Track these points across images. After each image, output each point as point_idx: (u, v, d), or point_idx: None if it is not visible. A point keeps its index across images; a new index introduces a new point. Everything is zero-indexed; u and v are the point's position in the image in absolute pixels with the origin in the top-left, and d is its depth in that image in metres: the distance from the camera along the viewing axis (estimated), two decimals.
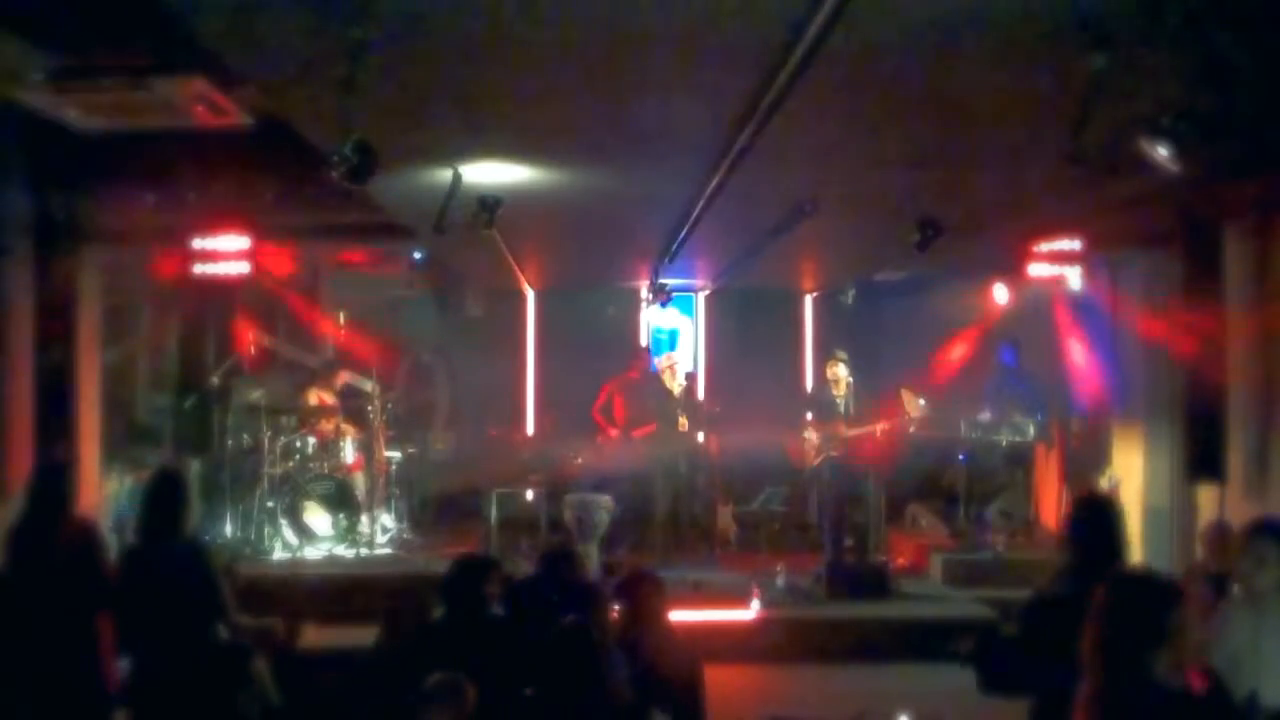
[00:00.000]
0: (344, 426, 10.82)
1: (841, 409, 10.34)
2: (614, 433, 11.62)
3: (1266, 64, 5.01)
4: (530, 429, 13.55)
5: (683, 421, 11.00)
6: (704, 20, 4.32)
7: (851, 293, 12.39)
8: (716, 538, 11.57)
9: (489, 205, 7.18)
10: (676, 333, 13.97)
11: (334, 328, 12.56)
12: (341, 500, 10.40)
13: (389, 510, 11.13)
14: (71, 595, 5.21)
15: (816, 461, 10.49)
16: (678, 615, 6.88)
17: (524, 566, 10.11)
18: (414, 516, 11.58)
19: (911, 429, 10.43)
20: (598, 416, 11.83)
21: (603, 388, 11.98)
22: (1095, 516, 4.38)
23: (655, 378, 11.62)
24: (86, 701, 5.22)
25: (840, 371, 10.39)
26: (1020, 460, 11.46)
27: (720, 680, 5.15)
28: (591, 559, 10.07)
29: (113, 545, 6.74)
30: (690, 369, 11.36)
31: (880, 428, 10.20)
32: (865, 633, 8.98)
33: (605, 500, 10.46)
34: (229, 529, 10.53)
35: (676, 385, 11.15)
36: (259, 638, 6.11)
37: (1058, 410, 11.46)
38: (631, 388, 11.94)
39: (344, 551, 10.27)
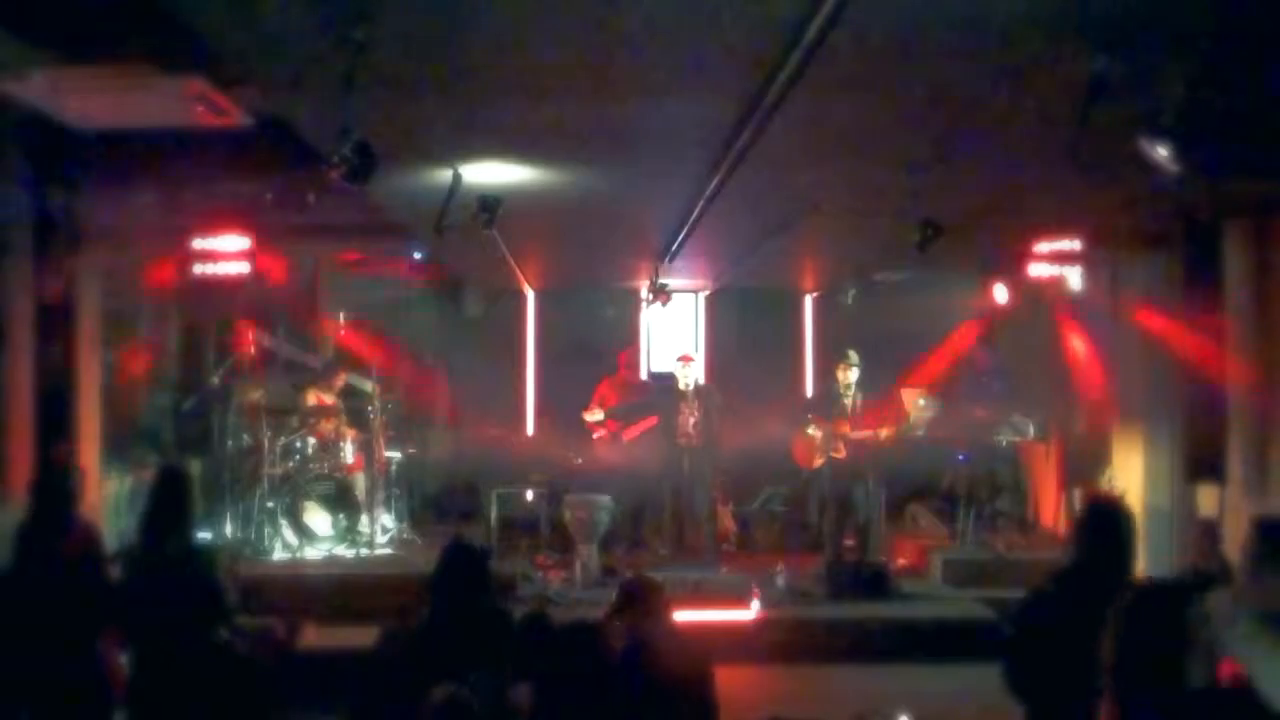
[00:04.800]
0: (344, 427, 10.81)
1: (848, 409, 10.33)
2: (605, 434, 11.59)
3: (1266, 65, 5.01)
4: (530, 429, 13.54)
5: (706, 429, 10.69)
6: (704, 20, 4.32)
7: (851, 293, 12.39)
8: (716, 538, 11.55)
9: (489, 205, 7.18)
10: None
11: (334, 327, 12.55)
12: (341, 500, 10.39)
13: (389, 510, 11.12)
14: (73, 596, 5.21)
15: (820, 463, 10.48)
16: (678, 615, 6.88)
17: (523, 566, 10.18)
18: (414, 516, 11.58)
19: (920, 432, 10.39)
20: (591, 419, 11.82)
21: (595, 390, 11.98)
22: (1107, 524, 4.27)
23: (656, 376, 11.48)
24: (88, 701, 5.21)
25: (851, 373, 10.38)
26: (1020, 460, 11.44)
27: (720, 680, 5.13)
28: (592, 559, 10.08)
29: (112, 545, 6.74)
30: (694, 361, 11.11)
31: (884, 431, 10.18)
32: (865, 633, 8.97)
33: (605, 500, 10.44)
34: (229, 529, 10.52)
35: (686, 382, 10.86)
36: (259, 638, 6.11)
37: (1058, 410, 11.45)
38: (623, 387, 11.90)
39: (344, 551, 10.27)
